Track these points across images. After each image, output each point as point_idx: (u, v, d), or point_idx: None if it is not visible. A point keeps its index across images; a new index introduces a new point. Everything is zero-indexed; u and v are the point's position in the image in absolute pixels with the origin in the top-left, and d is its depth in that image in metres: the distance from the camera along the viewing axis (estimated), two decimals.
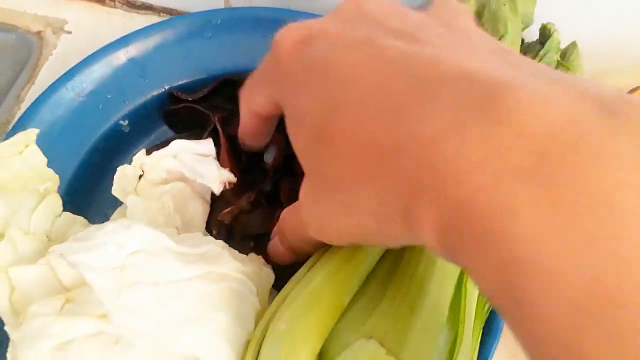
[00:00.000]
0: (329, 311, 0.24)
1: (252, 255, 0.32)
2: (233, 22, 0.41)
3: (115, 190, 0.32)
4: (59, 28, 0.49)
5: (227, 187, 0.32)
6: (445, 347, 0.25)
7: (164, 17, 0.49)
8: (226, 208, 0.34)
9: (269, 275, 0.31)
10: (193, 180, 0.33)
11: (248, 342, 0.27)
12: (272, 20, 0.40)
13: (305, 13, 0.42)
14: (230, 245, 0.31)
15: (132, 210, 0.31)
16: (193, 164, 0.32)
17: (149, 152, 0.34)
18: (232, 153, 0.34)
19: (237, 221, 0.34)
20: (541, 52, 0.34)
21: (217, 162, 0.33)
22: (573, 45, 0.36)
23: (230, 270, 0.28)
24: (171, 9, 0.49)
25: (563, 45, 0.36)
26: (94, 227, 0.28)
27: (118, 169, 0.33)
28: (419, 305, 0.25)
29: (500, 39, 0.34)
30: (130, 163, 0.34)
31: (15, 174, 0.29)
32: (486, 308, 0.29)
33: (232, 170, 0.32)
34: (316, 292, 0.25)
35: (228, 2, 0.46)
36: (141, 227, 0.28)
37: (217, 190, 0.32)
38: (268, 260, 0.32)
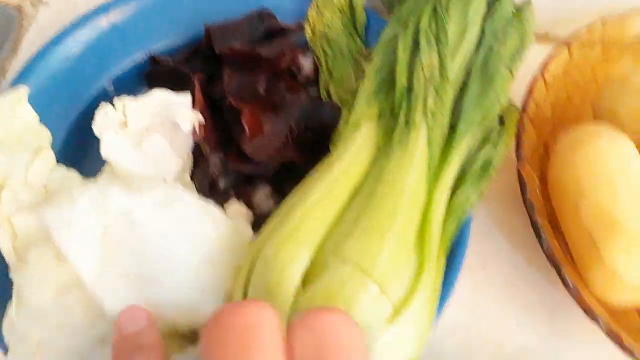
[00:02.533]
0: (309, 238, 0.28)
1: (235, 204, 0.35)
2: None
3: (95, 127, 0.35)
4: (37, 0, 0.50)
5: (198, 131, 0.35)
6: (412, 271, 0.28)
7: None
8: (206, 162, 0.37)
9: (246, 230, 0.34)
10: (172, 137, 0.36)
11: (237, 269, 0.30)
12: None
13: None
14: (212, 198, 0.34)
15: (105, 146, 0.34)
16: (168, 106, 0.35)
17: None
18: (209, 110, 0.37)
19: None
20: (496, 5, 0.37)
21: (192, 109, 0.36)
22: (528, 2, 0.39)
23: (205, 232, 0.31)
24: None
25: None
26: (76, 191, 0.30)
27: (101, 106, 0.35)
28: (388, 232, 0.28)
29: None
30: None
31: (9, 130, 0.32)
32: (449, 241, 0.33)
33: (205, 122, 0.36)
34: (297, 223, 0.28)
35: None
36: (119, 196, 0.30)
37: (185, 128, 0.35)
38: (250, 206, 0.35)
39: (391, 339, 0.27)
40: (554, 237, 0.36)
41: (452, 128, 0.33)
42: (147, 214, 0.29)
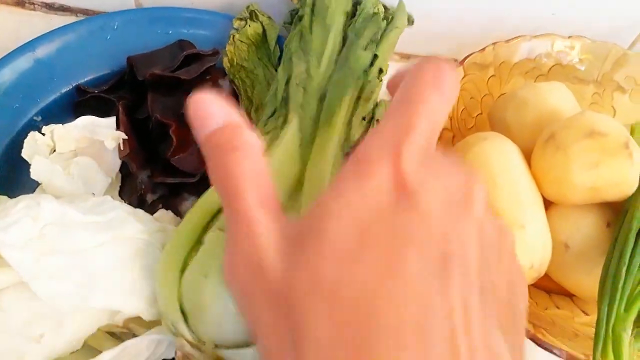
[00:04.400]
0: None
1: (162, 211, 0.40)
2: (130, 23, 0.49)
3: (24, 153, 0.40)
4: None
5: (122, 147, 0.41)
6: None
7: (81, 18, 0.56)
8: (134, 180, 0.42)
9: (172, 229, 0.39)
10: (100, 158, 0.42)
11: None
12: (167, 18, 0.50)
13: (198, 10, 0.51)
14: (143, 209, 0.39)
15: (35, 168, 0.38)
16: (94, 129, 0.41)
17: None
18: (134, 132, 0.42)
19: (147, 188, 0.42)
20: (358, 11, 0.46)
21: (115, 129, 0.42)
22: (401, 5, 0.48)
23: (134, 232, 0.36)
24: (87, 10, 0.56)
25: None
26: (10, 203, 0.35)
27: (30, 134, 0.40)
28: None
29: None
30: None
31: None
32: None
33: (129, 141, 0.41)
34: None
35: (138, 2, 0.54)
36: (50, 202, 0.34)
37: (109, 145, 0.40)
38: (178, 215, 0.41)
39: None
40: None
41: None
42: (78, 217, 0.34)
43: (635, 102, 0.54)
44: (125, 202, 0.41)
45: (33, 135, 0.40)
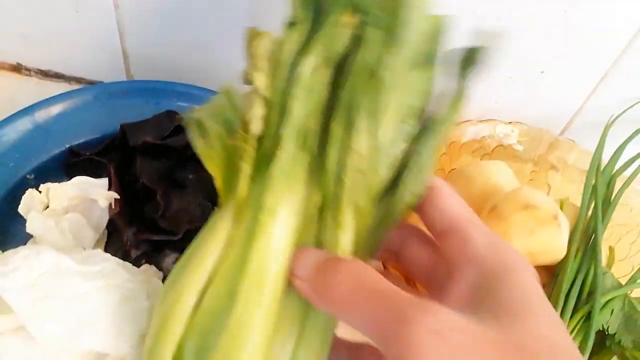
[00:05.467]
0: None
1: (145, 266, 0.44)
2: (122, 93, 0.54)
3: (21, 209, 0.43)
4: None
5: (113, 206, 0.44)
6: None
7: (74, 85, 0.61)
8: (120, 236, 0.46)
9: (157, 284, 0.43)
10: (90, 214, 0.46)
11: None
12: (158, 90, 0.55)
13: (188, 85, 0.56)
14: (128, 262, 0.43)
15: (31, 223, 0.42)
16: (87, 188, 0.45)
17: None
18: (123, 192, 0.47)
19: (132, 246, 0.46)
20: None
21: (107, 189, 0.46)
22: None
23: (122, 281, 0.39)
24: (80, 78, 0.61)
25: None
26: (10, 252, 0.38)
27: (27, 191, 0.44)
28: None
29: None
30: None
31: None
32: None
33: (120, 200, 0.45)
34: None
35: (130, 74, 0.59)
36: (49, 252, 0.38)
37: (102, 204, 0.44)
38: (160, 269, 0.45)
39: None
40: None
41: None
42: (72, 266, 0.37)
43: (566, 179, 0.62)
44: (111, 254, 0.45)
45: (30, 193, 0.44)
